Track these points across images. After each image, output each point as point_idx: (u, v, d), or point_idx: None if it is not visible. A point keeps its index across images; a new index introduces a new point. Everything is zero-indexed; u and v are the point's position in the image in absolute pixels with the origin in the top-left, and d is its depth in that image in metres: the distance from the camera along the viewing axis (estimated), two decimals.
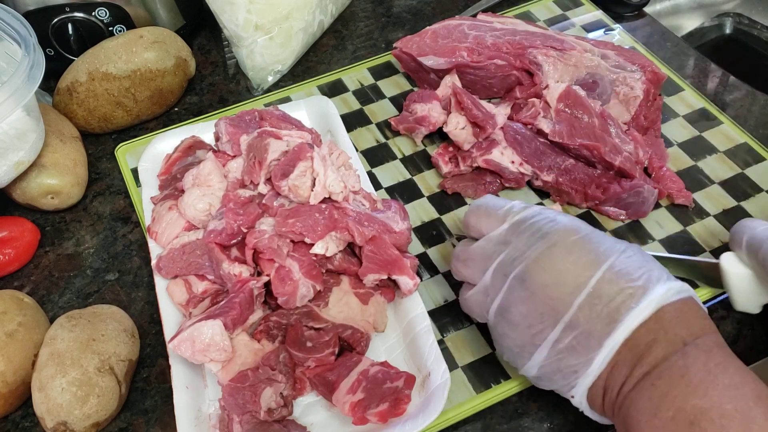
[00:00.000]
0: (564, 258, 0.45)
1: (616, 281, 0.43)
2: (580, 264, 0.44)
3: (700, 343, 0.41)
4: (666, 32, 0.80)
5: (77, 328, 0.51)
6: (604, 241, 0.45)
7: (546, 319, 0.44)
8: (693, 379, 0.39)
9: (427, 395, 0.48)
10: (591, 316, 0.43)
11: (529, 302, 0.45)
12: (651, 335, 0.42)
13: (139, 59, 0.68)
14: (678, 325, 0.42)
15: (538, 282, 0.45)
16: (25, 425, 0.53)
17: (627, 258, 0.44)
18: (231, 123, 0.61)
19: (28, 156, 0.60)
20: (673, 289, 0.43)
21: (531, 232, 0.47)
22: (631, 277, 0.43)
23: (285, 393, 0.49)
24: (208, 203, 0.56)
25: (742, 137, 0.67)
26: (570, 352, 0.44)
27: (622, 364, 0.42)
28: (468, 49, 0.67)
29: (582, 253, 0.45)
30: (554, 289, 0.44)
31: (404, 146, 0.69)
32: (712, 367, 0.39)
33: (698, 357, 0.40)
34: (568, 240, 0.45)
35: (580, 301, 0.43)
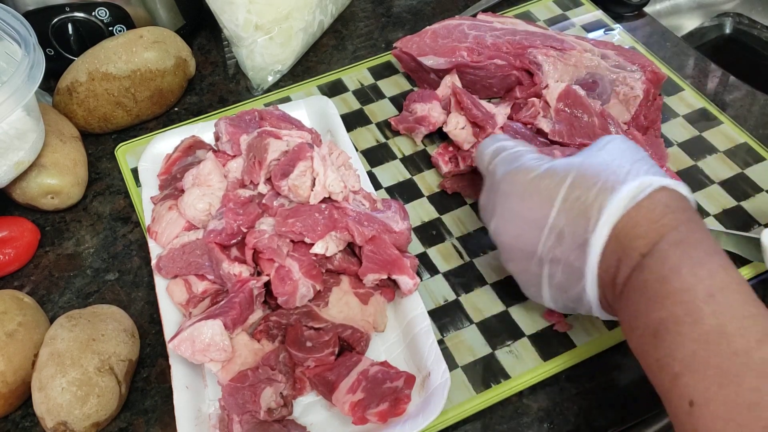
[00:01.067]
0: (521, 203, 0.46)
1: (571, 210, 0.43)
2: (535, 206, 0.45)
3: (655, 251, 0.40)
4: (666, 32, 0.80)
5: (77, 328, 0.51)
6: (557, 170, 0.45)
7: (531, 264, 0.46)
8: (650, 293, 0.39)
9: (427, 395, 0.48)
10: (564, 249, 0.44)
11: (512, 253, 0.48)
12: (616, 255, 0.42)
13: (139, 59, 0.68)
14: (635, 237, 0.41)
15: (510, 235, 0.47)
16: (25, 425, 0.53)
17: (580, 177, 0.44)
18: (231, 123, 0.61)
19: (28, 156, 0.60)
20: (627, 196, 0.42)
21: (496, 180, 0.49)
22: (585, 198, 0.43)
23: (285, 393, 0.49)
24: (208, 203, 0.56)
25: (742, 137, 0.67)
26: (566, 284, 0.45)
27: (606, 286, 0.43)
28: (468, 49, 0.67)
29: (534, 195, 0.45)
30: (524, 237, 0.46)
31: (404, 146, 0.69)
32: (666, 273, 0.39)
33: (653, 267, 0.40)
34: (520, 183, 0.47)
35: (546, 240, 0.45)
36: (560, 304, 0.48)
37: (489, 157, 0.52)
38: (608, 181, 0.43)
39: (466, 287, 0.57)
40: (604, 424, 0.51)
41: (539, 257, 0.46)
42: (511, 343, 0.54)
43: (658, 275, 0.39)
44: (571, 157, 0.46)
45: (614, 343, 0.54)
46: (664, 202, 0.42)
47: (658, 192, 0.42)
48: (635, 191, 0.42)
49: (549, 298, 0.48)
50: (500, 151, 0.51)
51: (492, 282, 0.58)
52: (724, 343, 0.36)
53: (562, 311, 0.50)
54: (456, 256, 0.60)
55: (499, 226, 0.48)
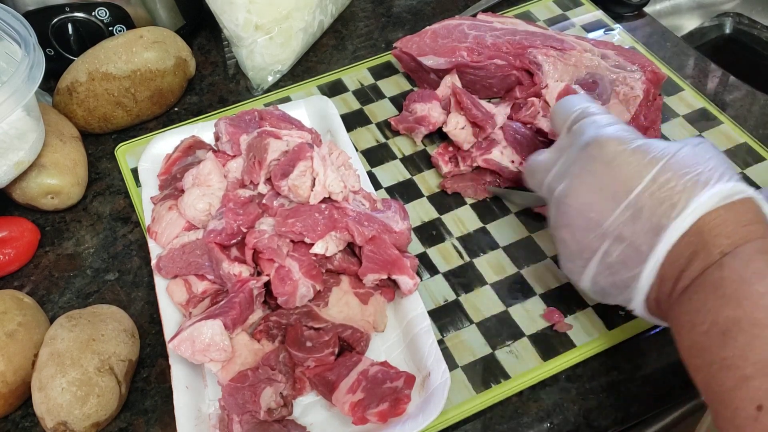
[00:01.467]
0: (607, 171, 0.44)
1: (658, 192, 0.42)
2: (619, 178, 0.43)
3: (739, 252, 0.39)
4: (666, 32, 0.80)
5: (77, 328, 0.51)
6: (650, 149, 0.44)
7: (592, 235, 0.45)
8: (727, 291, 0.38)
9: (427, 395, 0.48)
10: (635, 229, 0.42)
11: (574, 219, 0.46)
12: (691, 248, 0.41)
13: (139, 59, 0.68)
14: (719, 235, 0.40)
15: (581, 201, 0.45)
16: (25, 425, 0.53)
17: (674, 163, 0.42)
18: (231, 123, 0.61)
19: (28, 156, 0.60)
20: (720, 193, 0.41)
21: (581, 142, 0.47)
22: (675, 185, 0.42)
23: (285, 393, 0.49)
24: (208, 203, 0.56)
25: (742, 137, 0.67)
26: (621, 266, 0.44)
27: (668, 278, 0.42)
28: (468, 49, 0.67)
29: (623, 165, 0.44)
30: (597, 206, 0.44)
31: (404, 146, 0.69)
32: (749, 275, 0.38)
33: (734, 267, 0.39)
34: (612, 151, 0.45)
35: (620, 214, 0.43)
36: (599, 286, 0.46)
37: (575, 116, 0.50)
38: (702, 174, 0.42)
39: (466, 287, 0.57)
40: (604, 424, 0.51)
41: (604, 230, 0.44)
42: (511, 343, 0.54)
43: (738, 275, 0.38)
44: (666, 142, 0.45)
45: (614, 343, 0.54)
46: (753, 210, 0.41)
47: (748, 201, 0.41)
48: (728, 192, 0.41)
49: (591, 276, 0.46)
50: (588, 114, 0.49)
51: (492, 282, 0.58)
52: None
53: (593, 294, 0.48)
54: (456, 256, 0.60)
55: (573, 187, 0.46)
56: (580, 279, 0.48)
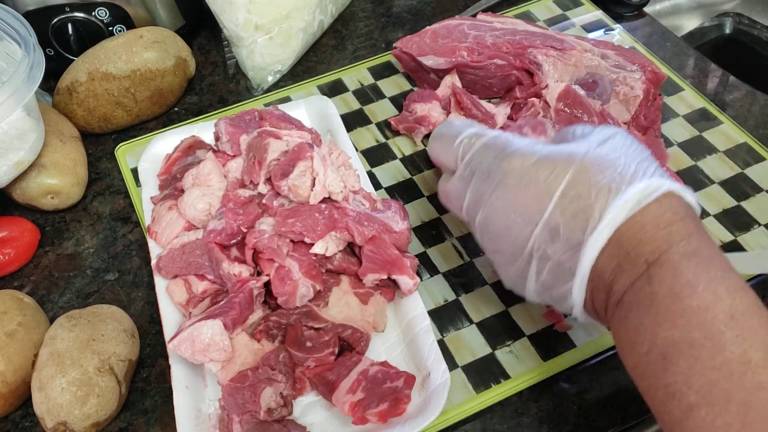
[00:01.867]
0: (516, 194, 0.43)
1: (569, 207, 0.40)
2: (530, 198, 0.42)
3: (665, 261, 0.37)
4: (666, 32, 0.80)
5: (77, 328, 0.51)
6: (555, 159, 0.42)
7: (519, 258, 0.43)
8: (660, 308, 0.36)
9: (427, 395, 0.48)
10: (556, 248, 0.41)
11: (499, 243, 0.44)
12: (614, 260, 0.39)
13: (139, 59, 0.68)
14: (639, 243, 0.38)
15: (501, 225, 0.44)
16: (25, 425, 0.53)
17: (582, 170, 0.40)
18: (231, 123, 0.61)
19: (28, 156, 0.60)
20: (634, 197, 0.38)
21: (483, 169, 0.45)
22: (586, 196, 0.40)
23: (285, 393, 0.49)
24: (207, 203, 0.56)
25: (742, 137, 0.67)
26: (553, 282, 0.42)
27: (598, 292, 0.40)
28: (468, 49, 0.67)
29: (531, 185, 0.42)
30: (516, 230, 0.43)
31: (404, 146, 0.69)
32: (679, 288, 0.36)
33: (663, 279, 0.36)
34: (516, 171, 0.43)
35: (539, 235, 0.41)
36: (543, 299, 0.45)
37: (465, 145, 0.47)
38: (613, 181, 0.39)
39: (466, 287, 0.57)
40: (604, 424, 0.51)
41: (528, 252, 0.43)
42: (511, 343, 0.54)
43: (669, 290, 0.36)
44: (571, 146, 0.43)
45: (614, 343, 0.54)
46: (673, 208, 0.39)
47: (666, 197, 0.39)
48: (641, 194, 0.39)
49: (533, 292, 0.45)
50: (478, 137, 0.47)
51: (492, 282, 0.58)
52: (749, 374, 0.32)
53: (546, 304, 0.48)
54: (456, 256, 0.60)
55: (490, 215, 0.45)
56: (525, 296, 0.46)
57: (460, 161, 0.48)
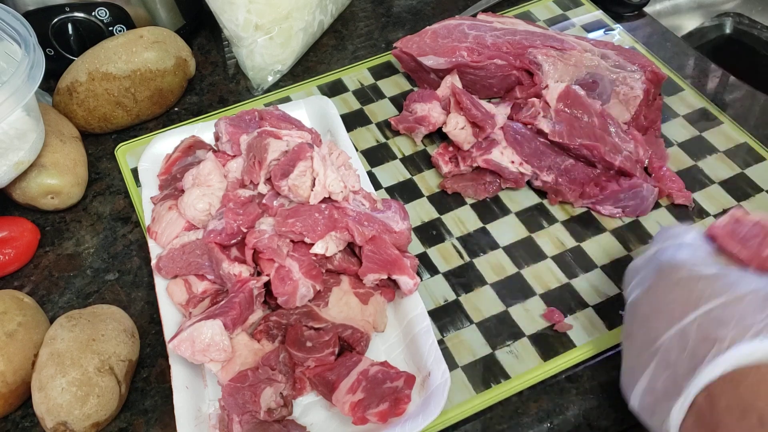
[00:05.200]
0: (667, 292, 0.44)
1: (706, 325, 0.40)
2: (679, 301, 0.42)
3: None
4: (666, 32, 0.80)
5: (77, 328, 0.51)
6: (721, 280, 0.42)
7: (646, 352, 0.43)
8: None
9: (427, 395, 0.48)
10: (680, 358, 0.40)
11: (637, 328, 0.45)
12: (725, 399, 0.38)
13: (139, 59, 0.68)
14: (757, 394, 0.37)
15: (643, 314, 0.44)
16: (25, 425, 0.53)
17: (737, 304, 0.40)
18: (231, 123, 0.61)
19: (28, 156, 0.60)
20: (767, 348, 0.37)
21: (658, 257, 0.47)
22: (727, 323, 0.39)
23: (285, 393, 0.49)
24: (207, 203, 0.56)
25: (742, 137, 0.67)
26: (662, 392, 0.41)
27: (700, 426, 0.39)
28: (468, 49, 0.67)
29: (684, 290, 0.42)
30: (655, 323, 0.43)
31: (404, 146, 0.69)
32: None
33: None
34: (680, 273, 0.44)
35: (670, 338, 0.41)
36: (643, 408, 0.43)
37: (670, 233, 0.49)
38: (758, 324, 0.38)
39: (466, 287, 0.57)
40: (604, 424, 0.51)
41: (655, 349, 0.42)
42: (511, 343, 0.54)
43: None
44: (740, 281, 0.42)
45: (614, 343, 0.54)
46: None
47: None
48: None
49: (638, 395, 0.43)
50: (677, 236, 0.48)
51: (492, 282, 0.58)
52: None
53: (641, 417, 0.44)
54: (456, 256, 0.60)
55: (641, 299, 0.46)
56: (630, 396, 0.45)
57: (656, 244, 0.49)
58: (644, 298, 0.46)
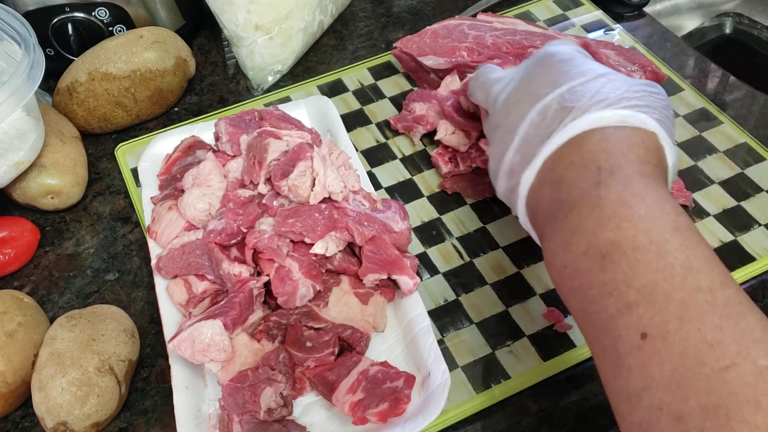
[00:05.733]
0: (540, 76, 0.45)
1: (567, 99, 0.42)
2: (547, 81, 0.44)
3: (618, 172, 0.38)
4: (666, 32, 0.80)
5: (77, 328, 0.51)
6: (585, 64, 0.44)
7: (508, 134, 0.45)
8: (605, 211, 0.37)
9: (427, 395, 0.48)
10: (537, 132, 0.43)
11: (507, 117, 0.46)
12: (571, 157, 0.40)
13: (139, 59, 0.68)
14: (599, 150, 0.39)
15: (513, 100, 0.46)
16: (25, 425, 0.53)
17: (596, 81, 0.42)
18: (231, 123, 0.61)
19: (28, 156, 0.60)
20: (620, 115, 0.40)
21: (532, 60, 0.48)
22: (584, 97, 0.41)
23: (285, 393, 0.49)
24: (207, 203, 0.56)
25: (742, 137, 0.67)
26: (519, 163, 0.43)
27: (545, 185, 0.41)
28: (468, 49, 0.67)
29: (554, 72, 0.44)
30: (521, 105, 0.45)
31: (404, 146, 0.69)
32: (628, 197, 0.37)
33: (613, 187, 0.37)
34: (552, 60, 0.46)
35: (532, 115, 0.43)
36: (503, 189, 0.46)
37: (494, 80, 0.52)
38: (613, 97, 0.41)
39: (466, 287, 0.57)
40: (604, 424, 0.51)
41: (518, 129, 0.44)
42: (511, 343, 0.54)
43: (617, 196, 0.37)
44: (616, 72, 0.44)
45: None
46: (646, 143, 0.40)
47: (647, 134, 0.41)
48: (626, 117, 0.40)
49: (503, 175, 0.45)
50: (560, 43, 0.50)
51: (492, 282, 0.58)
52: (690, 277, 0.33)
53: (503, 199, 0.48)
54: (456, 256, 0.60)
55: (510, 88, 0.47)
56: (496, 183, 0.47)
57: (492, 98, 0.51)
58: (514, 86, 0.47)
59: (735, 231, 0.60)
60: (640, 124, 0.41)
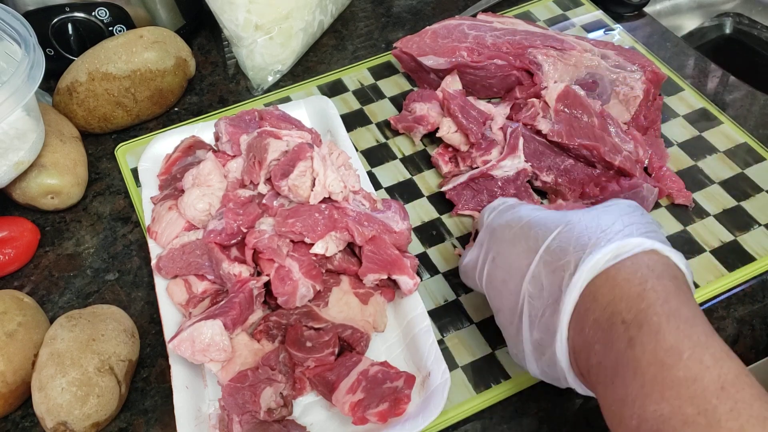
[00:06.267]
0: (510, 251, 0.44)
1: (551, 261, 0.41)
2: (523, 252, 0.43)
3: (643, 322, 0.36)
4: (666, 32, 0.80)
5: (77, 328, 0.51)
6: (552, 219, 0.43)
7: (515, 314, 0.43)
8: (646, 377, 0.34)
9: (427, 395, 0.48)
10: (540, 303, 0.41)
11: (500, 301, 0.45)
12: (591, 315, 0.38)
13: (139, 59, 0.68)
14: (614, 300, 0.37)
15: (500, 281, 0.45)
16: (25, 425, 0.53)
17: (569, 231, 0.41)
18: (231, 123, 0.61)
19: (28, 156, 0.60)
20: (609, 253, 0.39)
21: (491, 229, 0.47)
22: (567, 253, 0.40)
23: (285, 393, 0.49)
24: (207, 203, 0.56)
25: (742, 137, 0.67)
26: (542, 341, 0.41)
27: (580, 350, 0.39)
28: (468, 49, 0.67)
29: (522, 240, 0.44)
30: (510, 283, 0.44)
31: (404, 146, 0.69)
32: (663, 355, 0.34)
33: (645, 344, 0.35)
34: (510, 233, 0.45)
35: (526, 288, 0.42)
36: (542, 368, 0.43)
37: (487, 214, 0.51)
38: (595, 238, 0.40)
39: (466, 287, 0.57)
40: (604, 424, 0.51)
41: (521, 307, 0.43)
42: None
43: (653, 356, 0.34)
44: (570, 212, 0.44)
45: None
46: (649, 265, 0.38)
47: (645, 254, 0.39)
48: (619, 250, 0.39)
49: (531, 357, 0.43)
50: (499, 206, 0.50)
51: None
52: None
53: (548, 380, 0.44)
54: (456, 256, 0.60)
55: (490, 272, 0.46)
56: (528, 367, 0.44)
57: (482, 228, 0.50)
58: (493, 267, 0.46)
59: (735, 231, 0.60)
60: (634, 248, 0.39)
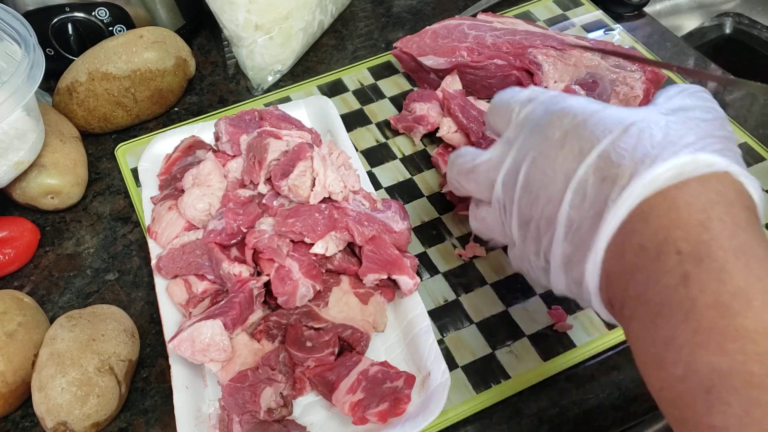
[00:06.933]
0: (557, 153, 0.36)
1: (603, 168, 0.34)
2: (572, 154, 0.36)
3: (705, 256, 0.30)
4: (666, 32, 0.80)
5: (77, 328, 0.51)
6: (610, 118, 0.36)
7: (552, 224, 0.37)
8: (702, 322, 0.29)
9: (427, 395, 0.48)
10: (581, 214, 0.35)
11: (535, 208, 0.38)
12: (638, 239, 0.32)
13: (139, 59, 0.68)
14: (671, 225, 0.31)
15: (539, 184, 0.37)
16: (25, 425, 0.53)
17: (628, 132, 0.34)
18: (231, 123, 0.61)
19: (28, 156, 0.60)
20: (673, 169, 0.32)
21: (531, 125, 0.39)
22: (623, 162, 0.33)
23: (285, 393, 0.49)
24: (207, 203, 0.56)
25: (742, 137, 0.67)
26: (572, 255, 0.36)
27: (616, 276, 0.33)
28: (468, 48, 0.67)
29: (574, 140, 0.36)
30: (551, 188, 0.36)
31: (404, 146, 0.69)
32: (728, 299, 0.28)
33: (706, 283, 0.29)
34: (558, 131, 0.37)
35: (569, 197, 0.35)
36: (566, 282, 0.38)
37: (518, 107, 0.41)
38: (659, 148, 0.33)
39: (466, 287, 0.57)
40: (604, 424, 0.51)
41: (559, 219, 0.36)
42: (511, 343, 0.54)
43: (715, 299, 0.29)
44: (632, 109, 0.36)
45: (614, 343, 0.54)
46: (720, 190, 0.31)
47: (716, 177, 0.32)
48: (686, 167, 0.32)
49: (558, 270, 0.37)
50: (538, 96, 0.41)
51: (492, 282, 0.58)
52: None
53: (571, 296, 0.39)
54: (456, 256, 0.60)
55: (530, 173, 0.38)
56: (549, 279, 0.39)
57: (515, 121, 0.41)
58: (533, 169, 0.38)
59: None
60: (704, 168, 0.32)
